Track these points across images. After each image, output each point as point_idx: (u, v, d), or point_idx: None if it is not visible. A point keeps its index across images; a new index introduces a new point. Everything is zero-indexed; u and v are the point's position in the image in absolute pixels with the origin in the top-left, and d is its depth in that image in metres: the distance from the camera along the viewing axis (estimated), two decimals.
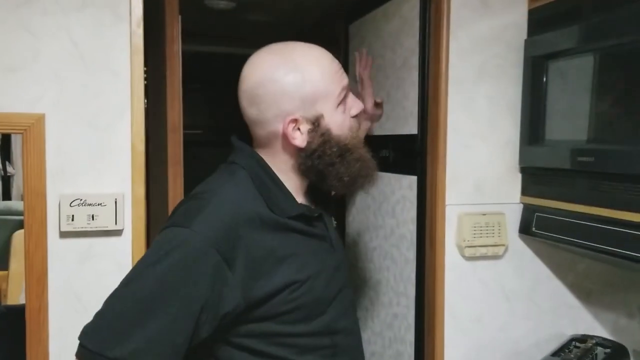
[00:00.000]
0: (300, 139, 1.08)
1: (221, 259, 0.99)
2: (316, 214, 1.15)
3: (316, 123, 1.07)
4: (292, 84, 1.05)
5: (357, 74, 1.67)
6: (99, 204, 1.33)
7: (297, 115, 1.06)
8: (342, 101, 1.10)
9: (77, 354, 0.97)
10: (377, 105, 1.63)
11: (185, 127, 1.77)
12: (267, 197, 1.09)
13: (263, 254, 1.04)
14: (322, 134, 1.08)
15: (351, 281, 1.55)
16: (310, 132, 1.07)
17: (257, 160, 1.12)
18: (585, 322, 1.75)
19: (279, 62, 1.07)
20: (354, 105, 1.13)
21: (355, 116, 1.14)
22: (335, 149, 1.09)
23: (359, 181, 1.14)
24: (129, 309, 0.97)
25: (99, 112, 1.36)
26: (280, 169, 1.12)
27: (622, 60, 1.33)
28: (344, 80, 1.10)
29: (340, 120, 1.10)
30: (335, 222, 1.28)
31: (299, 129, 1.07)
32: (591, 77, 1.42)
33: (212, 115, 4.38)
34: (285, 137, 1.08)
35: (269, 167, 1.12)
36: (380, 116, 1.68)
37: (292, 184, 1.13)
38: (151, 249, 1.02)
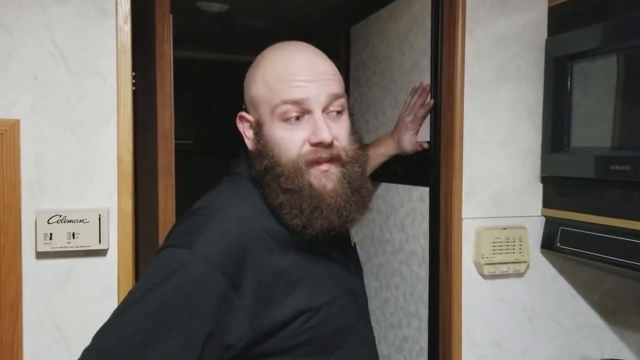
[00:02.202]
0: (250, 141, 0.98)
1: (227, 284, 0.86)
2: (332, 233, 1.01)
3: (257, 128, 0.95)
4: (247, 80, 0.99)
5: (409, 104, 1.58)
6: (80, 221, 1.19)
7: (248, 115, 0.98)
8: (291, 118, 0.92)
9: None
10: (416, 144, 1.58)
11: (175, 137, 1.64)
12: (277, 214, 0.94)
13: (273, 277, 0.91)
14: (259, 142, 0.94)
15: None
16: (255, 135, 0.96)
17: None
18: (611, 343, 1.62)
19: (256, 58, 0.99)
20: (315, 132, 0.91)
21: (315, 145, 0.92)
22: (263, 164, 0.93)
23: (290, 220, 0.92)
24: (122, 343, 0.83)
25: (82, 118, 1.22)
26: None
27: None
28: (298, 92, 0.91)
29: (279, 138, 0.92)
30: (354, 242, 1.14)
31: (251, 127, 0.98)
32: (621, 78, 1.30)
33: (203, 124, 4.25)
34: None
35: None
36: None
37: None
38: (146, 275, 0.88)
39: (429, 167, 1.56)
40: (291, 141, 0.92)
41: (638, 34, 1.24)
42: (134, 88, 1.69)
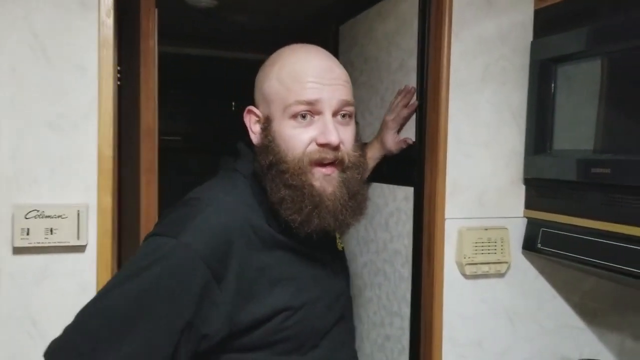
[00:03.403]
0: (255, 136, 1.00)
1: (210, 275, 0.87)
2: (302, 234, 1.01)
3: (266, 124, 0.98)
4: (261, 77, 1.01)
5: (393, 105, 1.58)
6: (59, 216, 1.18)
7: (257, 110, 1.00)
8: (301, 117, 0.94)
9: None
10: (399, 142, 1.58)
11: (163, 134, 1.63)
12: (266, 209, 0.96)
13: (256, 273, 0.92)
14: (266, 137, 0.97)
15: None
16: (262, 131, 0.99)
17: (254, 171, 1.00)
18: (590, 344, 1.63)
19: (272, 56, 1.02)
20: (324, 133, 0.94)
21: (322, 146, 0.95)
22: (268, 159, 0.96)
23: (290, 215, 0.94)
24: (101, 326, 0.85)
25: (61, 112, 1.21)
26: None
27: (636, 65, 1.22)
28: (312, 93, 0.94)
29: (287, 135, 0.95)
30: (342, 244, 1.15)
31: (258, 122, 1.00)
32: (604, 82, 1.31)
33: (192, 121, 4.23)
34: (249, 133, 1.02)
35: None
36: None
37: None
38: (131, 260, 0.90)
39: (414, 167, 1.56)
40: (299, 139, 0.94)
41: (622, 38, 1.24)
42: (119, 83, 1.68)
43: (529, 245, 1.52)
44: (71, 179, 1.21)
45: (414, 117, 1.56)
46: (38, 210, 1.16)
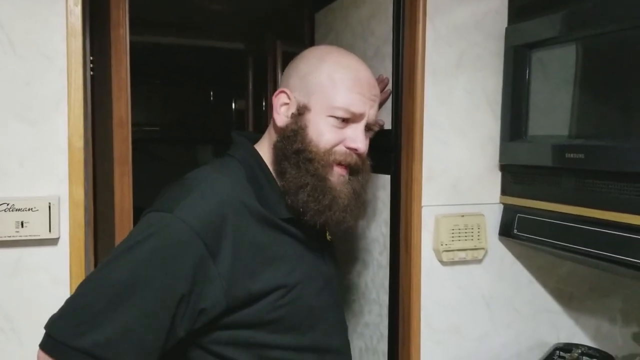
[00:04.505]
0: (281, 116, 1.05)
1: (206, 249, 0.90)
2: (311, 221, 1.05)
3: (301, 111, 1.03)
4: (306, 66, 1.06)
5: None
6: (29, 209, 1.15)
7: (292, 94, 1.05)
8: (341, 119, 1.04)
9: (41, 344, 0.88)
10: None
11: (142, 124, 1.61)
12: (259, 193, 1.00)
13: (252, 249, 0.95)
14: (297, 123, 1.02)
15: None
16: (293, 115, 1.03)
17: (253, 155, 1.07)
18: (566, 328, 1.65)
19: (317, 49, 1.11)
20: (355, 139, 1.06)
21: (350, 149, 1.06)
22: (296, 145, 1.01)
23: (306, 203, 1.01)
24: (99, 296, 0.88)
25: (30, 103, 1.18)
26: (273, 167, 1.07)
27: (610, 50, 1.23)
28: (360, 107, 1.05)
29: (322, 129, 1.03)
30: (329, 237, 1.18)
31: (286, 105, 1.05)
32: (578, 67, 1.32)
33: (171, 111, 4.18)
34: (273, 112, 1.06)
35: (265, 164, 1.06)
36: None
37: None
38: (129, 235, 0.94)
39: (391, 155, 1.55)
40: (332, 137, 1.04)
41: (595, 24, 1.24)
42: (92, 73, 1.64)
43: (505, 231, 1.53)
44: (42, 171, 1.19)
45: (389, 104, 1.55)
46: (8, 204, 1.14)
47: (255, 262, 0.95)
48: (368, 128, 1.10)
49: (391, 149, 1.55)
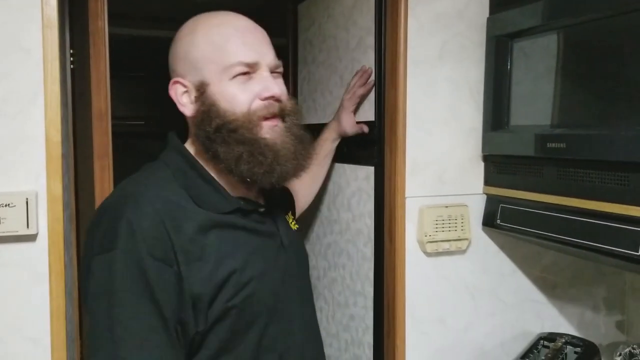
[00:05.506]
0: (187, 106, 1.01)
1: (163, 265, 0.89)
2: (260, 209, 1.01)
3: (201, 90, 0.98)
4: (183, 46, 1.01)
5: (351, 85, 1.57)
6: (6, 205, 1.13)
7: (185, 80, 1.00)
8: (241, 75, 0.98)
9: None
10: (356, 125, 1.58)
11: (126, 118, 1.59)
12: (194, 194, 0.97)
13: (199, 251, 0.93)
14: (204, 103, 0.98)
15: None
16: (196, 99, 0.99)
17: (182, 155, 1.02)
18: (550, 317, 1.66)
19: (185, 25, 1.03)
20: (267, 87, 0.99)
21: (267, 99, 1.00)
22: (214, 123, 0.97)
23: (251, 170, 0.97)
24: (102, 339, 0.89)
25: (5, 96, 1.16)
26: (205, 158, 1.02)
27: (591, 39, 1.23)
28: (252, 55, 0.99)
29: (231, 94, 0.98)
30: (294, 222, 1.15)
31: (186, 93, 1.01)
32: (559, 57, 1.31)
33: (155, 105, 4.14)
34: (178, 106, 1.02)
35: (196, 161, 1.02)
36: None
37: (224, 176, 1.01)
38: (93, 290, 0.91)
39: (374, 146, 1.55)
40: (243, 97, 0.98)
41: (576, 13, 1.24)
42: (72, 66, 1.62)
43: (489, 222, 1.53)
44: (18, 166, 1.17)
45: (372, 95, 1.55)
46: None
47: (206, 262, 0.93)
48: (273, 72, 1.03)
49: (374, 140, 1.54)
